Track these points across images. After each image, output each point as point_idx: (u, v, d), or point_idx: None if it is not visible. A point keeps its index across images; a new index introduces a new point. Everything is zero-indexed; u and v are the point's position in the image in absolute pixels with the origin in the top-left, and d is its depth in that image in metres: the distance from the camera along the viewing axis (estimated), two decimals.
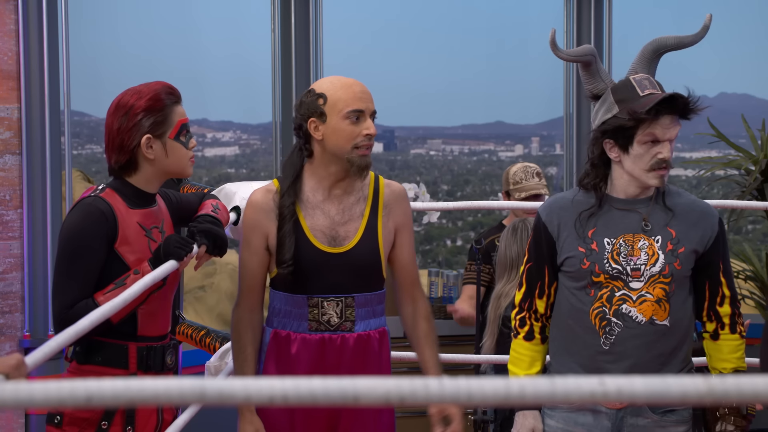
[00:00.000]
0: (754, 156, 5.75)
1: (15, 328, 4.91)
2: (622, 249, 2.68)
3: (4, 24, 4.84)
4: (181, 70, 6.66)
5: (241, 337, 2.92)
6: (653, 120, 2.62)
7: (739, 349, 2.76)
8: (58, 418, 2.66)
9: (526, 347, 2.84)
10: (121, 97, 2.73)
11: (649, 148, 2.64)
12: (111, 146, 2.73)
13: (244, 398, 1.17)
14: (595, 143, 2.73)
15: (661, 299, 2.67)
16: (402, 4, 7.64)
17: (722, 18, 2.59)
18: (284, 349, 2.89)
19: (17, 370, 1.63)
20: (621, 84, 2.71)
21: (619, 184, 2.72)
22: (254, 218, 2.92)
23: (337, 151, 2.85)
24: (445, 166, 8.23)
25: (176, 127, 2.75)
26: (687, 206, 2.75)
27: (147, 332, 2.74)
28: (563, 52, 2.81)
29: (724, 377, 1.19)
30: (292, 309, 2.89)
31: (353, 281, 2.88)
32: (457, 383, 1.17)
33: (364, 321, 2.90)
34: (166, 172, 2.78)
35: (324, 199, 2.90)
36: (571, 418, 2.75)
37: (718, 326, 2.76)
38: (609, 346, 2.69)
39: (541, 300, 2.81)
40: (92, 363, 2.69)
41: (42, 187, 4.93)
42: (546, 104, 7.16)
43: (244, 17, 6.69)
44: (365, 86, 2.90)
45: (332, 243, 2.88)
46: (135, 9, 6.43)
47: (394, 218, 2.95)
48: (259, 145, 7.89)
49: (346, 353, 2.88)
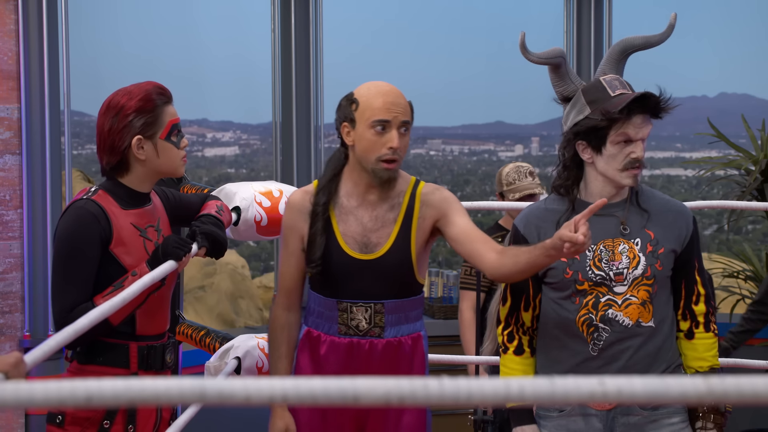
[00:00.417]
0: (754, 156, 5.75)
1: (15, 328, 4.91)
2: (603, 255, 2.69)
3: (4, 24, 4.84)
4: (181, 70, 6.66)
5: (276, 336, 2.95)
6: (626, 120, 2.63)
7: (714, 347, 2.76)
8: (60, 417, 2.66)
9: (517, 362, 2.83)
10: (112, 98, 2.72)
11: (622, 148, 2.65)
12: (102, 147, 2.72)
13: (244, 398, 1.17)
14: (567, 145, 2.72)
15: (645, 301, 2.68)
16: (402, 4, 7.64)
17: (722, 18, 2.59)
18: (315, 349, 2.90)
19: (16, 368, 1.63)
20: (591, 85, 2.72)
21: (594, 187, 2.72)
22: (291, 219, 2.91)
23: (363, 161, 2.82)
24: (445, 166, 8.23)
25: (167, 127, 2.73)
26: (662, 206, 2.76)
27: (146, 331, 2.74)
28: (532, 54, 2.81)
29: (723, 377, 1.19)
30: (324, 311, 2.89)
31: (383, 288, 2.86)
32: (457, 383, 1.17)
33: (394, 327, 2.87)
34: (158, 173, 2.77)
35: (358, 204, 2.87)
36: (563, 426, 2.75)
37: (693, 324, 2.76)
38: (597, 352, 2.69)
39: (527, 312, 2.81)
40: (94, 363, 2.69)
41: (42, 187, 4.93)
42: (546, 104, 7.14)
43: (244, 17, 6.69)
44: (403, 97, 2.83)
45: (363, 250, 2.85)
46: (135, 9, 6.42)
47: (431, 210, 2.87)
48: (259, 145, 7.89)
49: (374, 358, 2.87)
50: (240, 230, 3.34)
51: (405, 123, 2.81)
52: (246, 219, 3.32)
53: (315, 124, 5.78)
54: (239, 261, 9.38)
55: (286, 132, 5.77)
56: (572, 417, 2.74)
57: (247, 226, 3.34)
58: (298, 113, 5.74)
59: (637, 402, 1.32)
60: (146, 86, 2.73)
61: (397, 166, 2.83)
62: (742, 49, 7.30)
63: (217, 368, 3.56)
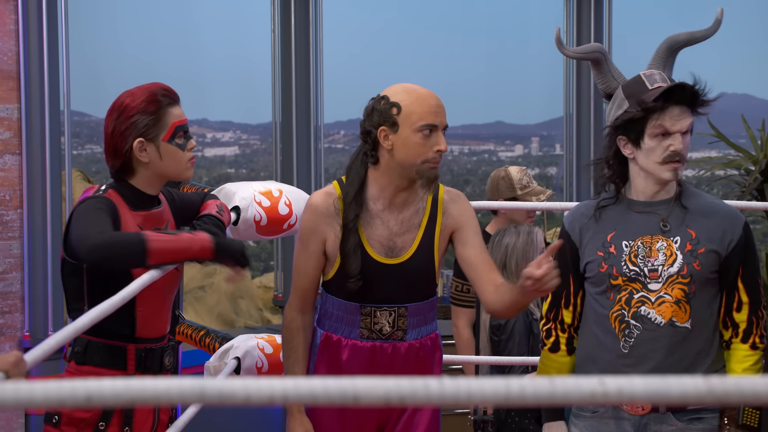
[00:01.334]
0: (753, 156, 5.75)
1: (15, 328, 4.91)
2: (639, 251, 2.64)
3: (4, 24, 4.83)
4: (181, 70, 6.66)
5: (293, 338, 2.91)
6: (662, 111, 2.58)
7: (748, 360, 2.65)
8: (56, 418, 2.64)
9: (552, 359, 2.79)
10: (117, 99, 2.68)
11: (660, 140, 2.60)
12: (107, 150, 2.68)
13: (244, 398, 1.17)
14: (609, 141, 2.68)
15: (680, 300, 2.62)
16: (402, 5, 7.64)
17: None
18: (335, 354, 2.89)
19: (16, 367, 1.63)
20: (631, 80, 2.68)
21: (637, 183, 2.68)
22: (313, 221, 2.89)
23: (406, 163, 2.81)
24: (445, 166, 8.23)
25: (170, 129, 2.68)
26: (708, 207, 2.69)
27: (145, 334, 2.71)
28: (569, 50, 2.79)
29: (724, 377, 1.18)
30: (345, 315, 2.88)
31: (407, 291, 2.86)
32: (457, 383, 1.17)
33: (415, 329, 2.88)
34: (163, 176, 2.72)
35: (384, 208, 2.87)
36: (594, 427, 2.70)
37: (733, 334, 2.67)
38: (628, 350, 2.64)
39: (567, 310, 2.76)
40: (91, 364, 2.66)
41: (42, 187, 4.92)
42: (546, 104, 7.16)
43: (244, 18, 6.69)
44: (439, 99, 2.84)
45: (389, 254, 2.86)
46: (135, 9, 6.42)
47: (451, 220, 2.90)
48: (259, 145, 7.89)
49: (397, 361, 2.87)
50: (239, 230, 3.34)
51: (446, 126, 2.83)
52: (246, 219, 3.32)
53: (315, 124, 5.78)
54: None
55: (286, 132, 5.77)
56: (605, 419, 2.69)
57: (247, 225, 3.33)
58: (298, 113, 5.74)
59: (637, 401, 1.31)
60: (151, 87, 2.68)
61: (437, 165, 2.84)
62: (742, 49, 7.30)
63: (216, 368, 3.56)
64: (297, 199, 3.48)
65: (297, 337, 2.91)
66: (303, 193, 3.57)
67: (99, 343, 2.66)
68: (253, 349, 3.56)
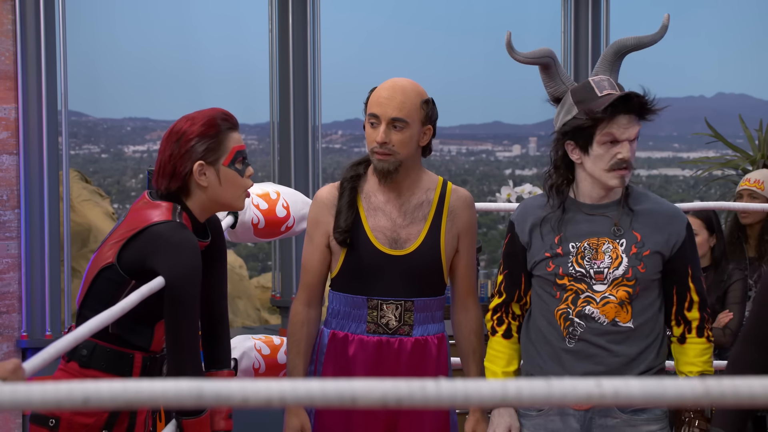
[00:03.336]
0: (751, 156, 5.76)
1: (12, 328, 4.91)
2: (586, 252, 2.71)
3: (2, 24, 4.83)
4: (179, 70, 6.67)
5: (297, 331, 2.93)
6: (610, 120, 2.63)
7: (706, 353, 2.75)
8: (53, 421, 2.56)
9: (505, 345, 2.85)
10: (175, 125, 2.66)
11: (608, 148, 2.65)
12: (162, 172, 2.64)
13: (241, 399, 1.17)
14: (556, 145, 2.74)
15: (624, 301, 2.68)
16: (399, 5, 7.64)
17: (720, 19, 2.59)
18: (341, 351, 2.89)
19: (15, 375, 1.63)
20: (580, 86, 2.72)
21: (584, 187, 2.74)
22: (317, 213, 2.92)
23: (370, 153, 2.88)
24: (443, 166, 8.23)
25: (231, 153, 2.65)
26: (653, 209, 2.75)
27: (157, 348, 2.70)
28: (519, 54, 2.81)
29: (720, 378, 1.19)
30: (351, 310, 2.89)
31: (413, 285, 2.87)
32: (454, 385, 1.17)
33: (422, 326, 2.89)
34: (218, 202, 2.68)
35: (386, 200, 2.89)
36: (541, 425, 2.76)
37: (685, 330, 2.75)
38: (573, 344, 2.70)
39: (517, 304, 2.85)
40: (95, 368, 2.60)
41: (39, 187, 4.93)
42: (544, 104, 7.16)
43: (242, 17, 6.70)
44: (404, 92, 2.82)
45: (393, 245, 2.87)
46: (132, 9, 6.43)
47: (458, 224, 2.92)
48: (257, 145, 7.89)
49: (403, 357, 2.88)
50: (237, 233, 3.33)
51: (396, 120, 2.80)
52: (243, 221, 3.31)
53: (312, 124, 5.78)
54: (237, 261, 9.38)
55: (283, 132, 5.77)
56: (550, 416, 2.75)
57: (244, 228, 3.33)
58: (296, 113, 5.74)
59: (634, 404, 1.33)
60: (210, 112, 2.66)
61: (392, 159, 2.82)
62: (740, 50, 7.30)
63: None
64: (295, 201, 3.48)
65: (300, 331, 2.92)
66: (301, 195, 3.57)
67: (107, 348, 2.62)
68: (250, 350, 3.56)
